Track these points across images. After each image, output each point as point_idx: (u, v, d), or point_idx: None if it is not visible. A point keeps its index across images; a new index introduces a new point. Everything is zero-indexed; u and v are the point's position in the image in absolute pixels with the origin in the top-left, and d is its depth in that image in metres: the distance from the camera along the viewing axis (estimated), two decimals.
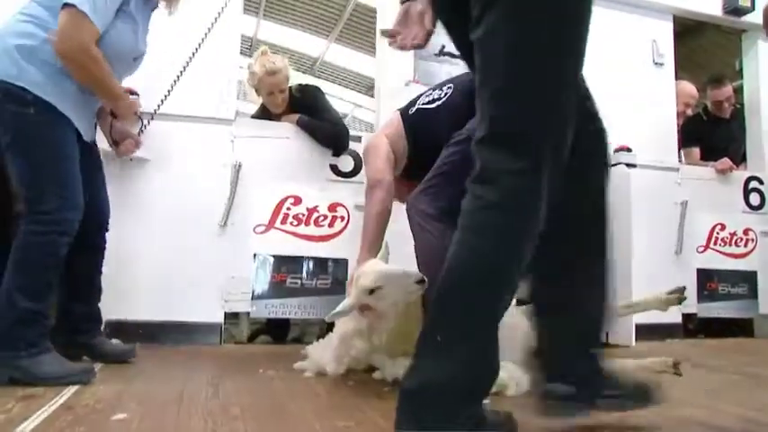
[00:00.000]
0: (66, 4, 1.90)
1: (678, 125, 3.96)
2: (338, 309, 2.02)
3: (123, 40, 2.08)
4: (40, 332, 1.91)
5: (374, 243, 2.22)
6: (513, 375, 1.88)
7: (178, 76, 2.67)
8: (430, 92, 2.42)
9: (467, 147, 2.04)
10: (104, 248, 2.35)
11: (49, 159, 1.96)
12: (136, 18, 2.11)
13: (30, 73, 1.91)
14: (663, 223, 3.64)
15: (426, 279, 1.90)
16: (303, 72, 10.97)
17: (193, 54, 2.68)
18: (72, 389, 1.80)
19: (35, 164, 1.95)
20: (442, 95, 2.34)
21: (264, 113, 3.30)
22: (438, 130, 2.26)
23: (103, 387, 1.85)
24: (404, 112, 2.42)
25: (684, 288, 2.26)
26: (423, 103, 2.38)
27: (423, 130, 2.31)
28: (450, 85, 2.37)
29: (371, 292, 1.96)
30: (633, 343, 3.15)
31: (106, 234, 2.34)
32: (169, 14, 2.32)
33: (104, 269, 2.36)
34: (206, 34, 2.73)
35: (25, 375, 1.84)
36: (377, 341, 2.04)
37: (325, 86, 10.43)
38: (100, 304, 2.35)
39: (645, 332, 3.20)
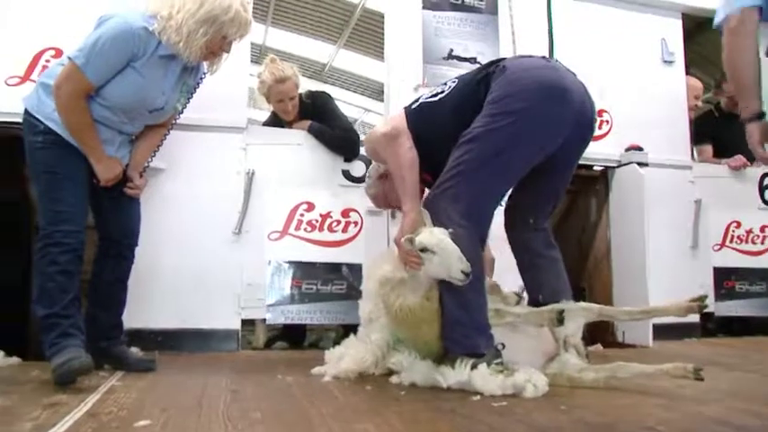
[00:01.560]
0: (69, 56, 2.11)
1: (690, 119, 3.93)
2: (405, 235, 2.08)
3: (125, 92, 2.19)
4: (60, 332, 2.05)
5: (416, 193, 2.22)
6: (530, 378, 1.89)
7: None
8: (434, 88, 2.43)
9: (480, 145, 2.06)
10: (130, 260, 2.43)
11: (48, 181, 2.15)
12: (142, 73, 2.18)
13: (45, 106, 2.15)
14: (677, 222, 3.63)
15: (470, 275, 1.94)
16: (312, 78, 11.02)
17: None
18: (95, 396, 1.84)
19: (39, 186, 2.18)
20: (446, 89, 2.33)
21: (276, 121, 3.33)
22: (440, 121, 2.25)
23: (126, 394, 1.88)
24: (408, 108, 2.41)
25: (706, 296, 2.21)
26: (425, 98, 2.38)
27: (425, 122, 2.29)
28: (455, 80, 2.36)
29: (423, 250, 2.01)
30: (650, 343, 3.14)
31: (134, 248, 2.43)
32: (211, 74, 2.45)
33: None
34: None
35: (52, 374, 1.97)
36: (411, 297, 2.08)
37: (334, 92, 10.46)
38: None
39: (662, 332, 3.17)
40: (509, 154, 2.10)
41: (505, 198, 2.41)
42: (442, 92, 2.32)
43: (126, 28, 2.12)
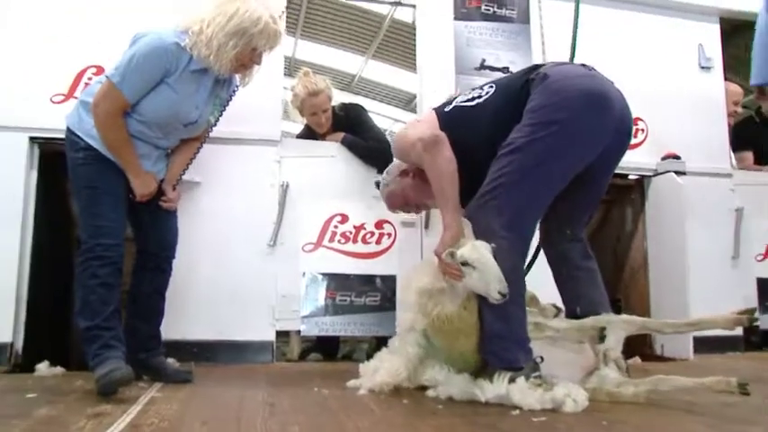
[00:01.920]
0: (106, 75, 2.20)
1: (729, 125, 3.84)
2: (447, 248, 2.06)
3: (159, 107, 2.25)
4: (102, 344, 2.09)
5: (456, 206, 2.17)
6: (570, 392, 1.86)
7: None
8: (469, 91, 2.38)
9: (521, 156, 2.03)
10: (168, 273, 2.48)
11: (89, 196, 2.23)
12: (176, 88, 2.23)
13: (85, 123, 2.23)
14: (718, 232, 3.55)
15: (507, 296, 1.92)
16: (341, 89, 11.10)
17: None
18: (137, 407, 1.87)
19: (79, 201, 2.26)
20: (483, 94, 2.28)
21: (309, 133, 3.36)
22: (477, 127, 2.21)
23: (166, 406, 1.90)
24: (439, 109, 2.38)
25: (755, 309, 2.14)
26: (461, 101, 2.34)
27: (461, 126, 2.24)
28: (492, 85, 2.31)
29: (464, 264, 2.00)
30: (691, 356, 3.07)
31: (172, 260, 2.48)
32: (243, 86, 2.50)
33: None
34: None
35: (95, 384, 2.01)
36: (450, 306, 2.07)
37: (364, 102, 10.51)
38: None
39: (704, 345, 3.11)
40: (551, 165, 2.07)
41: None
42: (479, 96, 2.28)
43: (159, 44, 2.17)
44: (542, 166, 2.05)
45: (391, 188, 2.55)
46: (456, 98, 2.39)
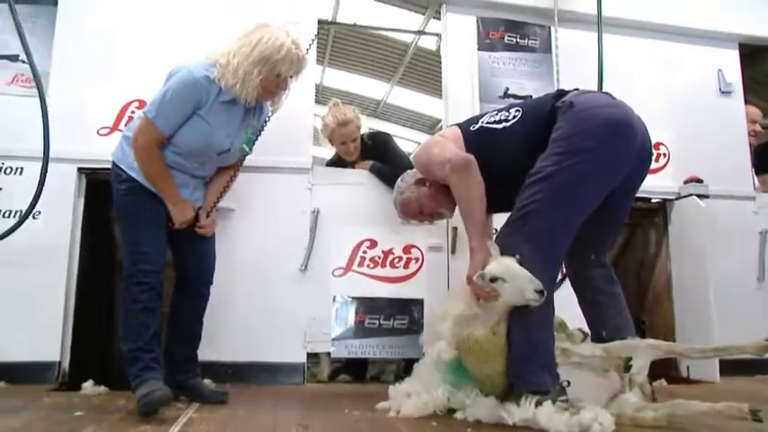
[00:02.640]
0: (143, 111, 2.34)
1: (750, 145, 3.87)
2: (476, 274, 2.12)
3: (193, 138, 2.36)
4: (143, 366, 2.19)
5: (484, 229, 2.26)
6: (597, 416, 1.88)
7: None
8: (495, 112, 2.42)
9: (550, 184, 2.10)
10: (206, 297, 2.56)
11: (130, 225, 2.35)
12: (207, 119, 2.35)
13: (127, 156, 2.34)
14: (742, 254, 3.57)
15: (544, 293, 1.98)
16: (368, 115, 11.27)
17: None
18: (176, 428, 1.95)
19: (122, 229, 2.39)
20: (510, 117, 2.33)
21: (339, 160, 3.46)
22: (504, 150, 2.27)
23: (204, 426, 1.98)
24: (464, 127, 2.43)
25: None
26: (487, 122, 2.38)
27: (487, 147, 2.29)
28: (519, 109, 2.36)
29: (494, 280, 2.06)
30: (717, 379, 3.06)
31: (209, 285, 2.56)
32: (273, 112, 2.62)
33: None
34: None
35: (136, 404, 2.10)
36: (481, 329, 2.11)
37: (389, 127, 10.68)
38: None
39: (730, 368, 3.10)
40: (579, 192, 2.12)
41: None
42: (506, 120, 2.33)
43: (189, 78, 2.29)
44: (570, 193, 2.10)
45: (407, 195, 2.60)
46: (482, 118, 2.44)
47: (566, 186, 2.09)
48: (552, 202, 2.09)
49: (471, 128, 2.40)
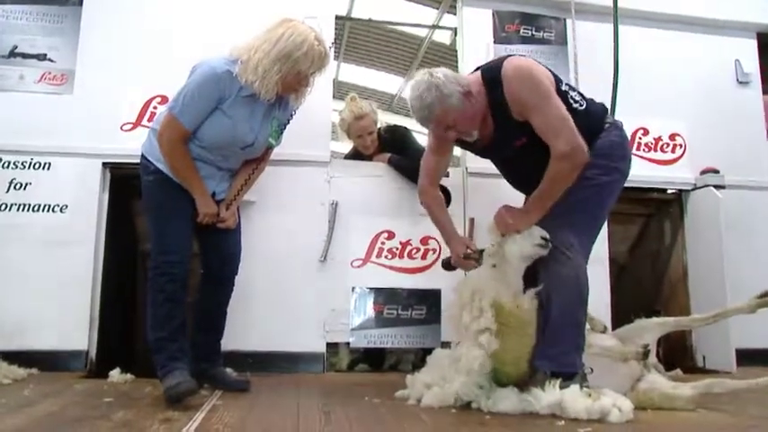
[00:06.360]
0: (168, 106, 2.39)
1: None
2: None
3: (216, 132, 2.38)
4: (169, 355, 2.23)
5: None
6: (615, 402, 1.91)
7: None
8: (571, 87, 2.43)
9: (597, 191, 2.27)
10: (230, 288, 2.61)
11: (156, 216, 2.40)
12: (229, 114, 2.37)
13: (155, 149, 2.39)
14: (758, 245, 3.57)
15: (550, 240, 2.13)
16: (383, 109, 11.30)
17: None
18: (201, 414, 1.99)
19: (149, 220, 2.43)
20: (580, 101, 2.36)
21: (357, 154, 3.50)
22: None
23: (228, 413, 2.02)
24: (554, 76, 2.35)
25: None
26: (573, 96, 2.36)
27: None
28: (583, 97, 2.40)
29: (503, 235, 2.24)
30: (734, 369, 3.07)
31: (234, 277, 2.61)
32: (297, 107, 2.64)
33: None
34: None
35: (164, 393, 2.15)
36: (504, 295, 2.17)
37: (404, 121, 10.68)
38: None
39: (748, 357, 3.11)
40: (609, 204, 2.39)
41: None
42: (579, 103, 2.35)
43: (211, 74, 2.31)
44: (606, 203, 2.37)
45: (452, 103, 2.21)
46: (568, 85, 2.40)
47: (609, 196, 2.35)
48: (596, 209, 2.34)
49: (560, 85, 2.32)
